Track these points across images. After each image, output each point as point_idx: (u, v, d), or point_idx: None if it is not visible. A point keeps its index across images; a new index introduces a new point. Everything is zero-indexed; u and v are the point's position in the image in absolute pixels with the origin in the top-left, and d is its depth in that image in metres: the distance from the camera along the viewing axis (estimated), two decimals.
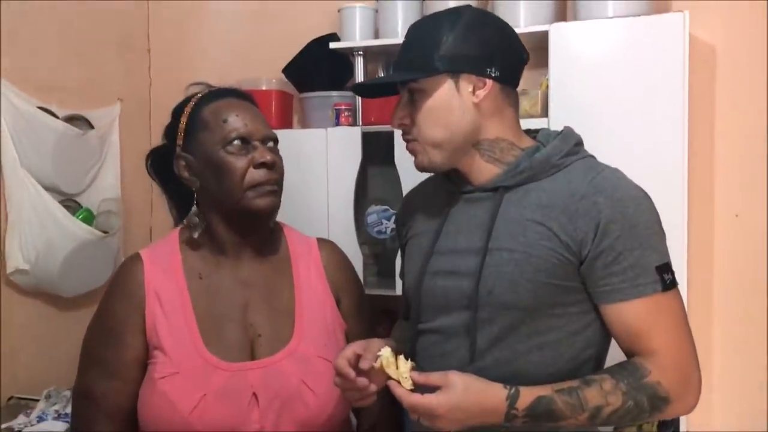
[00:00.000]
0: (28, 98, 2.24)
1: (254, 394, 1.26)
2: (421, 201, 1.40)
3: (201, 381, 1.25)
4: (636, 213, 1.16)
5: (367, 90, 1.48)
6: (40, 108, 2.27)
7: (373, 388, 1.19)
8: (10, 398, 2.16)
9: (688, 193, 2.06)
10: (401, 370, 1.13)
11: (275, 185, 1.34)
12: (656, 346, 1.15)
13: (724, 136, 2.25)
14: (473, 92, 1.22)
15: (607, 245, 1.14)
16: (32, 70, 2.30)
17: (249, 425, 1.25)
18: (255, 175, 1.32)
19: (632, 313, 1.16)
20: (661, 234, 1.20)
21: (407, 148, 1.29)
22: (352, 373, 1.17)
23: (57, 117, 2.32)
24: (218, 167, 1.32)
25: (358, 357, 1.18)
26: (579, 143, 1.28)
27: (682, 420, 2.04)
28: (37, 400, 2.06)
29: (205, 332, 1.30)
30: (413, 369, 1.14)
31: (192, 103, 1.39)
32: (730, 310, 2.27)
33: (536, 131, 1.33)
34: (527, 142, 1.28)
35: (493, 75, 1.21)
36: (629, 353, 1.19)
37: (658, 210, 1.22)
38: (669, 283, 1.16)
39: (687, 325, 1.19)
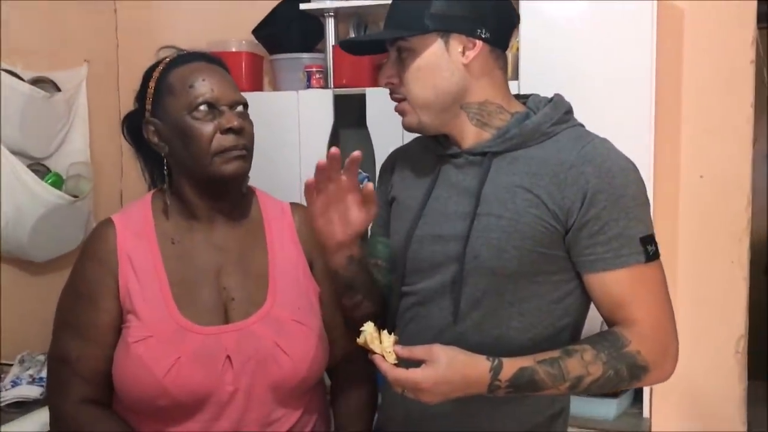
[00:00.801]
0: None
1: (228, 356, 1.28)
2: (407, 161, 1.40)
3: (175, 344, 1.26)
4: (623, 184, 1.18)
5: (355, 47, 1.45)
6: (5, 70, 2.24)
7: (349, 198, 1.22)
8: None
9: (654, 155, 2.11)
10: (385, 345, 1.13)
11: (243, 150, 1.33)
12: (637, 316, 1.17)
13: (690, 100, 2.29)
14: (463, 53, 1.22)
15: (593, 215, 1.16)
16: None
17: (223, 387, 1.27)
18: (222, 140, 1.31)
19: (614, 282, 1.17)
20: (647, 206, 1.22)
21: (396, 108, 1.29)
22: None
23: (22, 79, 2.30)
24: (185, 133, 1.31)
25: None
26: (569, 111, 1.29)
27: None
28: (11, 365, 2.07)
29: (178, 296, 1.31)
30: (396, 343, 1.15)
31: (160, 68, 1.37)
32: (694, 270, 2.33)
33: (526, 96, 1.33)
34: (516, 107, 1.28)
35: (483, 36, 1.21)
36: (610, 322, 1.22)
37: None
38: (652, 255, 1.18)
39: (667, 296, 1.22)
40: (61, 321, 1.36)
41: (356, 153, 1.20)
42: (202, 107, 1.31)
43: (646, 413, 2.10)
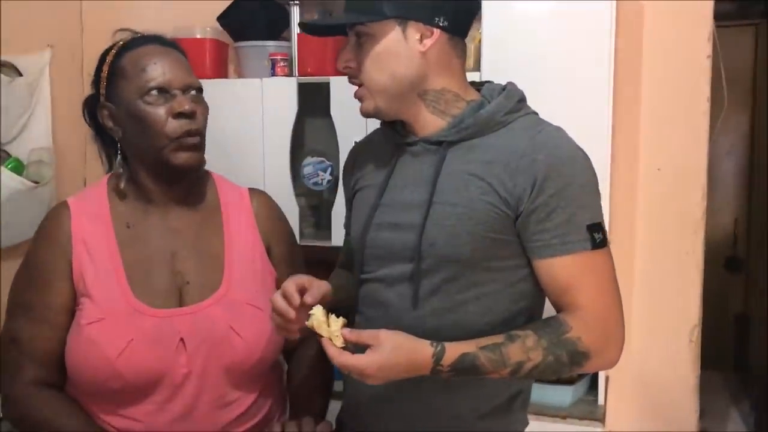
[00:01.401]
0: None
1: (182, 339, 1.28)
2: (368, 153, 1.41)
3: (128, 327, 1.26)
4: (572, 172, 1.19)
5: (315, 29, 1.45)
6: None
7: (296, 327, 1.22)
8: None
9: (614, 148, 2.14)
10: (332, 329, 1.15)
11: (196, 137, 1.33)
12: (581, 302, 1.18)
13: (648, 94, 2.33)
14: (420, 40, 1.22)
15: (542, 202, 1.17)
16: None
17: (176, 369, 1.28)
18: (174, 125, 1.30)
19: (560, 268, 1.19)
20: (596, 194, 1.23)
21: (355, 94, 1.29)
22: (297, 298, 1.19)
23: None
24: (137, 118, 1.31)
25: (305, 289, 1.20)
26: (522, 99, 1.30)
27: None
28: None
29: (132, 279, 1.31)
30: (344, 326, 1.16)
31: (113, 51, 1.37)
32: (651, 260, 2.38)
33: (481, 84, 1.34)
34: (472, 95, 1.29)
35: (441, 24, 1.22)
36: (557, 308, 1.23)
37: None
38: (599, 242, 1.18)
39: (614, 283, 1.22)
40: (14, 303, 1.35)
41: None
42: (154, 91, 1.31)
43: (601, 400, 2.15)
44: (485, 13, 2.09)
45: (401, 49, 1.22)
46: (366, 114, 1.29)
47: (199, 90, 1.37)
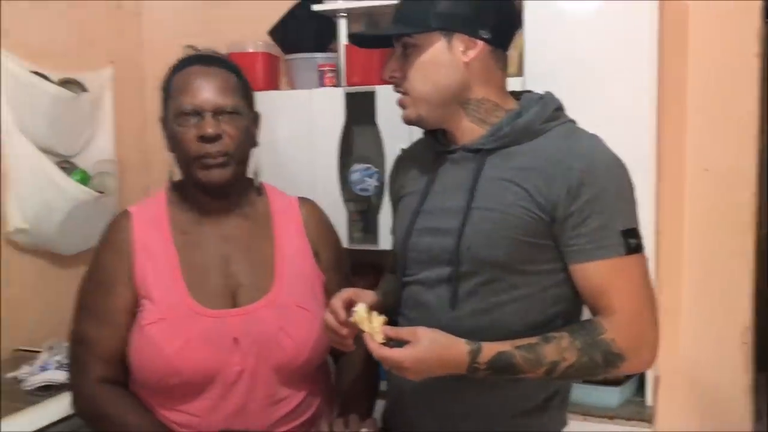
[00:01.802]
0: (22, 63, 2.30)
1: (235, 338, 1.36)
2: (410, 162, 1.47)
3: (185, 326, 1.35)
4: (607, 179, 1.23)
5: (364, 40, 1.51)
6: (35, 72, 2.34)
7: (350, 341, 1.29)
8: (15, 350, 2.28)
9: (661, 149, 2.14)
10: (374, 325, 1.21)
11: (221, 157, 1.39)
12: (615, 305, 1.21)
13: (695, 94, 2.32)
14: (464, 52, 1.27)
15: (577, 208, 1.21)
16: (26, 35, 2.36)
17: (230, 367, 1.36)
18: (199, 147, 1.37)
19: (595, 273, 1.22)
20: (631, 200, 1.26)
21: (398, 101, 1.34)
22: (342, 314, 1.26)
23: (51, 80, 2.39)
24: (172, 138, 1.41)
25: (353, 303, 1.27)
26: (559, 108, 1.33)
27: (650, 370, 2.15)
28: (39, 352, 2.15)
29: (189, 282, 1.40)
30: (385, 323, 1.22)
31: (168, 73, 1.46)
32: (700, 262, 2.36)
33: (520, 93, 1.38)
34: (511, 104, 1.33)
35: (484, 37, 1.26)
36: (593, 311, 1.26)
37: (627, 163, 1.28)
38: (633, 247, 1.22)
39: (649, 287, 1.25)
40: (81, 306, 1.46)
41: None
42: (186, 114, 1.38)
43: (649, 401, 2.14)
44: (527, 19, 2.11)
45: (445, 59, 1.27)
46: (408, 121, 1.34)
47: (233, 111, 1.41)
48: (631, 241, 1.22)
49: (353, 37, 1.47)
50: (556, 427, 1.39)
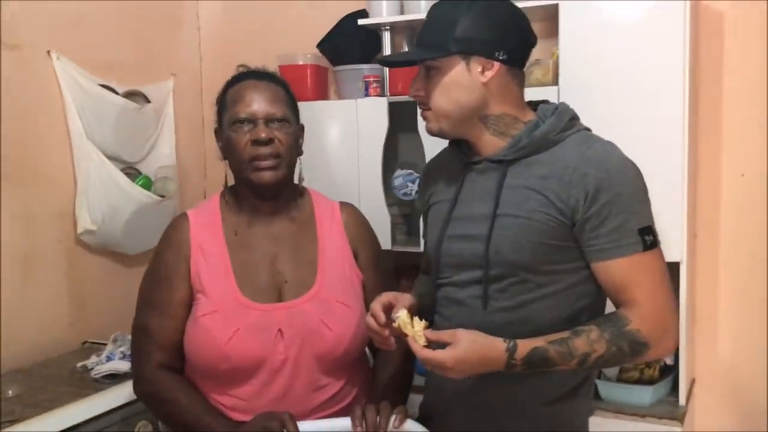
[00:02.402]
0: (90, 77, 2.49)
1: (280, 329, 1.49)
2: (438, 172, 1.57)
3: (235, 318, 1.49)
4: (621, 182, 1.31)
5: (392, 62, 1.68)
6: (102, 85, 2.52)
7: (392, 340, 1.39)
8: (84, 342, 2.47)
9: (697, 154, 2.19)
10: (416, 329, 1.29)
11: (272, 159, 1.52)
12: (637, 299, 1.30)
13: (731, 100, 2.36)
14: (482, 72, 1.35)
15: (595, 211, 1.29)
16: (93, 51, 2.55)
17: (275, 355, 1.49)
18: (251, 150, 1.51)
19: (616, 269, 1.31)
20: (645, 200, 1.34)
21: (421, 114, 1.45)
22: (382, 317, 1.36)
23: (117, 93, 2.57)
24: (228, 144, 1.54)
25: (392, 305, 1.38)
26: (573, 118, 1.42)
27: (684, 369, 2.21)
28: (105, 344, 2.30)
29: (239, 278, 1.53)
30: (426, 328, 1.31)
31: (223, 87, 1.61)
32: (736, 265, 2.41)
33: (537, 104, 1.47)
34: (529, 116, 1.42)
35: (500, 58, 1.35)
36: (616, 305, 1.35)
37: (660, 170, 1.39)
38: (650, 244, 1.30)
39: (667, 279, 1.33)
40: (143, 299, 1.60)
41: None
42: (240, 122, 1.52)
43: (682, 401, 2.19)
44: (561, 30, 2.20)
45: (465, 80, 1.36)
46: (430, 133, 1.45)
47: (282, 119, 1.55)
48: (648, 238, 1.30)
49: (383, 62, 1.60)
50: (584, 413, 1.48)
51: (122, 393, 2.01)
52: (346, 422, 1.41)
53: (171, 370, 1.56)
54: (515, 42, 1.38)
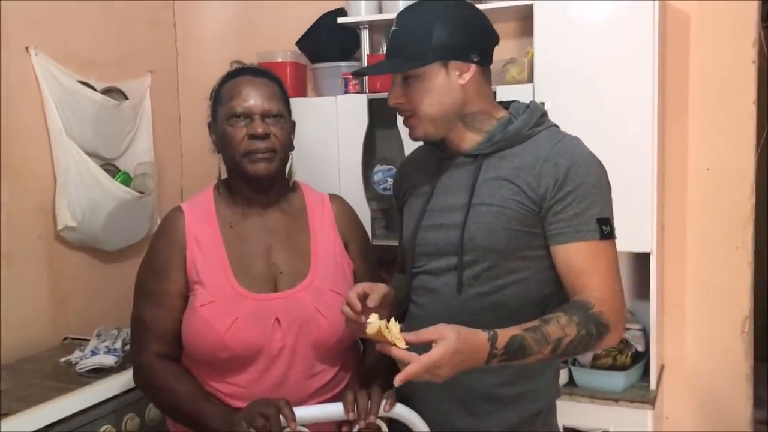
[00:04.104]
0: (69, 73, 2.49)
1: (277, 318, 1.53)
2: (414, 167, 1.63)
3: (233, 307, 1.52)
4: (586, 173, 1.39)
5: (371, 73, 1.70)
6: (80, 82, 2.53)
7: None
8: (65, 338, 2.47)
9: (665, 150, 2.29)
10: (393, 332, 1.23)
11: (269, 153, 1.56)
12: (594, 284, 1.36)
13: (696, 99, 2.47)
14: (460, 75, 1.42)
15: (560, 198, 1.37)
16: (72, 48, 2.55)
17: (273, 343, 1.53)
18: (248, 144, 1.55)
19: (574, 254, 1.38)
20: (606, 194, 1.42)
21: (404, 122, 1.50)
22: (358, 305, 1.39)
23: (95, 89, 2.57)
24: (224, 137, 1.58)
25: (366, 294, 1.41)
26: (543, 114, 1.50)
27: (655, 356, 2.31)
28: (88, 340, 2.30)
29: (235, 269, 1.57)
30: (402, 330, 1.24)
31: (218, 81, 1.64)
32: (702, 255, 2.52)
33: (509, 103, 1.55)
34: (501, 113, 1.50)
35: (475, 60, 1.43)
36: (571, 292, 1.39)
37: (630, 165, 1.50)
38: (606, 234, 1.37)
39: (618, 270, 1.40)
40: (139, 290, 1.63)
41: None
42: (237, 116, 1.56)
43: (653, 386, 2.29)
44: (536, 30, 2.27)
45: (446, 84, 1.43)
46: (416, 139, 1.51)
47: (278, 115, 1.59)
48: (605, 228, 1.38)
49: (359, 74, 1.62)
50: (553, 395, 1.55)
51: (109, 386, 2.03)
52: (338, 407, 1.44)
53: (168, 359, 1.59)
54: (485, 43, 1.46)
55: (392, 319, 1.26)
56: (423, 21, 1.42)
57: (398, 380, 1.19)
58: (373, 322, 1.24)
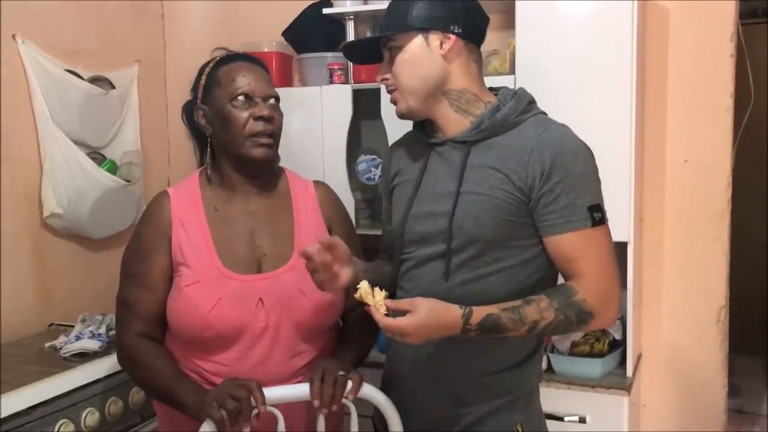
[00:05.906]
0: (56, 62, 2.50)
1: (260, 298, 1.57)
2: (402, 153, 1.65)
3: (217, 288, 1.55)
4: (574, 162, 1.41)
5: (356, 55, 1.69)
6: (67, 70, 2.54)
7: (336, 266, 1.46)
8: (51, 324, 2.49)
9: (644, 142, 2.32)
10: (377, 299, 1.36)
11: (270, 137, 1.61)
12: (584, 271, 1.40)
13: (675, 92, 2.52)
14: (440, 45, 1.45)
15: (549, 188, 1.39)
16: (59, 36, 2.57)
17: (256, 323, 1.56)
18: (254, 126, 1.59)
19: (566, 243, 1.41)
20: (596, 180, 1.45)
21: (390, 99, 1.54)
22: (319, 255, 1.42)
23: (82, 78, 2.58)
24: (225, 118, 1.60)
25: (332, 246, 1.45)
26: (531, 102, 1.52)
27: (631, 344, 2.35)
28: (72, 327, 2.31)
29: (220, 251, 1.60)
30: (386, 297, 1.37)
31: (211, 64, 1.66)
32: (680, 246, 2.56)
33: (498, 89, 1.57)
34: (489, 97, 1.52)
35: (456, 31, 1.46)
36: (564, 277, 1.46)
37: (609, 156, 1.50)
38: (598, 221, 1.40)
39: (612, 255, 1.43)
40: (124, 272, 1.66)
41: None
42: (240, 97, 1.59)
43: (629, 374, 2.33)
44: (518, 22, 2.30)
45: (426, 54, 1.47)
46: (401, 115, 1.54)
47: (277, 99, 1.65)
48: (596, 215, 1.41)
49: (346, 51, 1.65)
50: (535, 378, 1.59)
51: (93, 370, 2.05)
52: (306, 388, 1.47)
53: (150, 339, 1.62)
54: (469, 17, 1.49)
55: (377, 288, 1.38)
56: (406, 1, 1.47)
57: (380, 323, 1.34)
58: (362, 287, 1.37)
